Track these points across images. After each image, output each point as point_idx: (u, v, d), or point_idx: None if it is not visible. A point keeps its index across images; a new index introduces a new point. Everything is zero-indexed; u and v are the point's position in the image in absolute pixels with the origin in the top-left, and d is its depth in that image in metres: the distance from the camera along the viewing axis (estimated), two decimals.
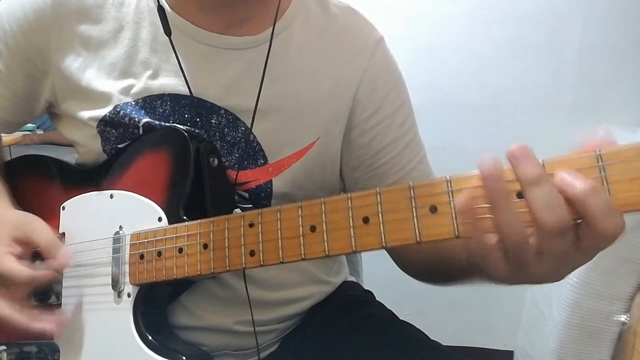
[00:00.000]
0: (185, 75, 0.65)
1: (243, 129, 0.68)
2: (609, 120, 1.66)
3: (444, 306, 1.89)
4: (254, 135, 0.68)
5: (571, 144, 0.41)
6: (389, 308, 0.80)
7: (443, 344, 0.70)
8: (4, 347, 0.68)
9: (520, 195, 0.41)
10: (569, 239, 0.41)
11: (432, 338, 0.71)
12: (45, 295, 0.68)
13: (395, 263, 0.76)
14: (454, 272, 0.62)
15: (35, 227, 0.64)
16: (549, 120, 1.77)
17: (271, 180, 0.70)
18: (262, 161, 0.69)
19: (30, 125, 2.21)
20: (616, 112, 1.72)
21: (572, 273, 0.44)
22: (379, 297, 0.85)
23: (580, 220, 0.40)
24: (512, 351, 1.87)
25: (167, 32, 0.65)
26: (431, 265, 0.68)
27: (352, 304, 0.81)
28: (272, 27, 0.68)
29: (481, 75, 1.81)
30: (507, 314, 1.84)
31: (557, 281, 0.45)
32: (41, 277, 0.61)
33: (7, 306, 0.61)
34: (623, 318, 1.34)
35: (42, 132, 2.28)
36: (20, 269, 0.60)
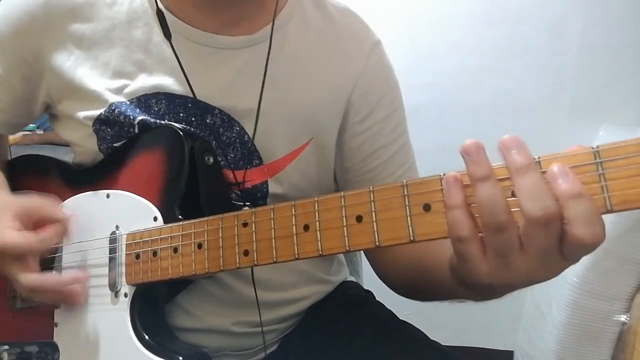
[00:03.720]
0: (181, 75, 0.65)
1: (238, 129, 0.68)
2: (609, 120, 1.66)
3: (444, 306, 1.86)
4: (248, 135, 0.68)
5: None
6: (388, 308, 0.80)
7: (443, 344, 0.70)
8: (5, 347, 0.68)
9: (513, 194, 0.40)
10: (554, 233, 0.39)
11: (432, 338, 0.71)
12: None
13: (377, 275, 0.75)
14: (436, 284, 0.60)
15: (32, 199, 0.66)
16: (549, 120, 1.76)
17: (267, 181, 0.70)
18: (257, 162, 0.69)
19: (30, 125, 2.21)
20: (616, 112, 1.71)
21: (572, 273, 0.43)
22: (379, 297, 0.85)
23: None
24: (512, 351, 1.86)
25: (168, 35, 0.65)
26: (412, 276, 0.67)
27: (351, 304, 0.81)
28: (267, 26, 0.67)
29: (481, 75, 1.81)
30: (507, 314, 1.84)
31: (538, 283, 0.43)
32: (46, 237, 0.62)
33: (34, 274, 0.61)
34: (623, 318, 1.33)
35: (42, 132, 2.28)
36: (24, 235, 0.61)
